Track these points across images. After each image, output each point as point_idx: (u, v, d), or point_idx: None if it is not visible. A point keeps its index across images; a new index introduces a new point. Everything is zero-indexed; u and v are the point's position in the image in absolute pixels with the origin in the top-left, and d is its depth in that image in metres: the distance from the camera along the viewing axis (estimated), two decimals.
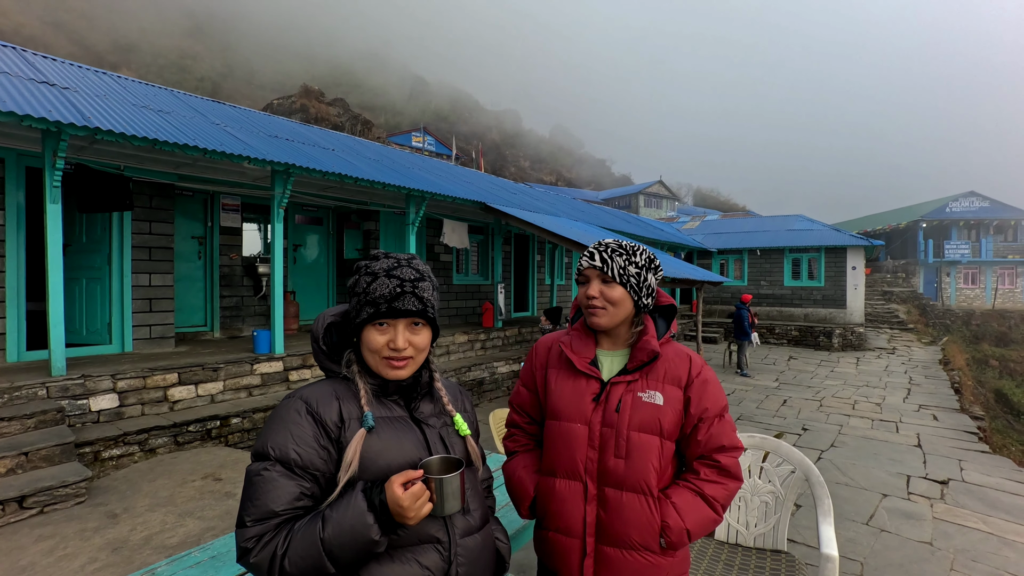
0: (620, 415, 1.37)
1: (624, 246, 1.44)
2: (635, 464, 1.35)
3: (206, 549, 1.70)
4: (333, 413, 1.09)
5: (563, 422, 1.42)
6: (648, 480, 1.35)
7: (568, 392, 1.43)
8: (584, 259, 1.45)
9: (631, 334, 1.46)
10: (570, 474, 1.40)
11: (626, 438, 1.36)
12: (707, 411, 1.41)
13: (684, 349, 1.49)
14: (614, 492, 1.36)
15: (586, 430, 1.39)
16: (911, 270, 27.49)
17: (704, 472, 1.41)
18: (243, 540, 1.00)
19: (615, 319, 1.42)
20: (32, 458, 3.72)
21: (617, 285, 1.41)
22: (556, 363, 1.50)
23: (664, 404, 1.38)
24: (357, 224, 9.25)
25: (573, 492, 1.39)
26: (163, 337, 6.21)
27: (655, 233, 16.18)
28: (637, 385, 1.40)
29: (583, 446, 1.39)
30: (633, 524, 1.34)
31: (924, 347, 15.85)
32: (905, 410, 8.06)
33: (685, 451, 1.45)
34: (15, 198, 5.15)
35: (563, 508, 1.39)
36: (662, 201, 46.73)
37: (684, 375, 1.43)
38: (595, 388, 1.42)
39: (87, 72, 6.94)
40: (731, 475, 1.41)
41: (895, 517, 4.21)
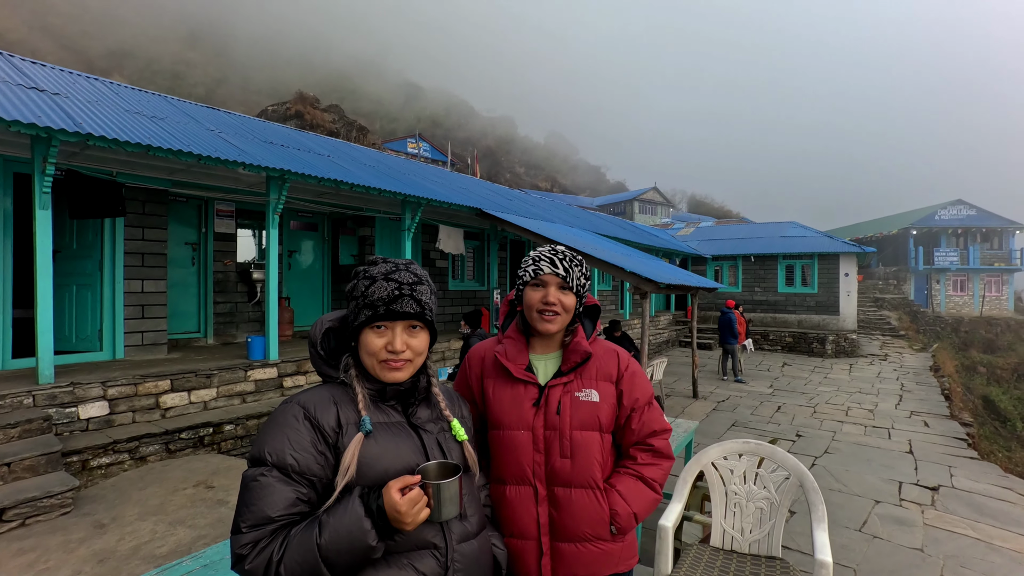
0: (561, 417, 1.43)
1: (575, 257, 1.51)
2: (580, 462, 1.42)
3: (198, 558, 1.68)
4: (331, 418, 1.09)
5: (506, 431, 1.45)
6: (594, 475, 1.43)
7: (507, 400, 1.46)
8: (544, 264, 1.47)
9: (564, 338, 1.53)
10: (519, 480, 1.43)
11: (569, 438, 1.42)
12: (638, 401, 1.50)
13: (610, 345, 1.56)
14: (563, 491, 1.42)
15: (530, 436, 1.43)
16: (902, 277, 27.74)
17: (641, 457, 1.50)
18: (238, 546, 0.99)
19: (563, 324, 1.49)
20: (15, 469, 3.65)
21: (571, 293, 1.47)
22: (492, 372, 1.52)
23: (600, 400, 1.45)
24: (352, 230, 9.23)
25: (524, 497, 1.43)
26: (156, 344, 6.16)
27: (650, 239, 16.26)
28: (573, 385, 1.46)
29: (528, 451, 1.43)
30: (584, 518, 1.40)
31: (915, 354, 15.97)
32: (897, 416, 8.11)
33: (621, 440, 1.52)
34: (2, 204, 5.10)
35: (515, 513, 1.43)
36: (656, 207, 46.97)
37: (614, 371, 1.50)
38: (533, 394, 1.46)
39: (78, 78, 6.91)
40: (665, 455, 1.52)
41: (887, 523, 4.23)
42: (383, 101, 67.78)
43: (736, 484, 2.45)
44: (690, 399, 9.06)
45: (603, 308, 15.88)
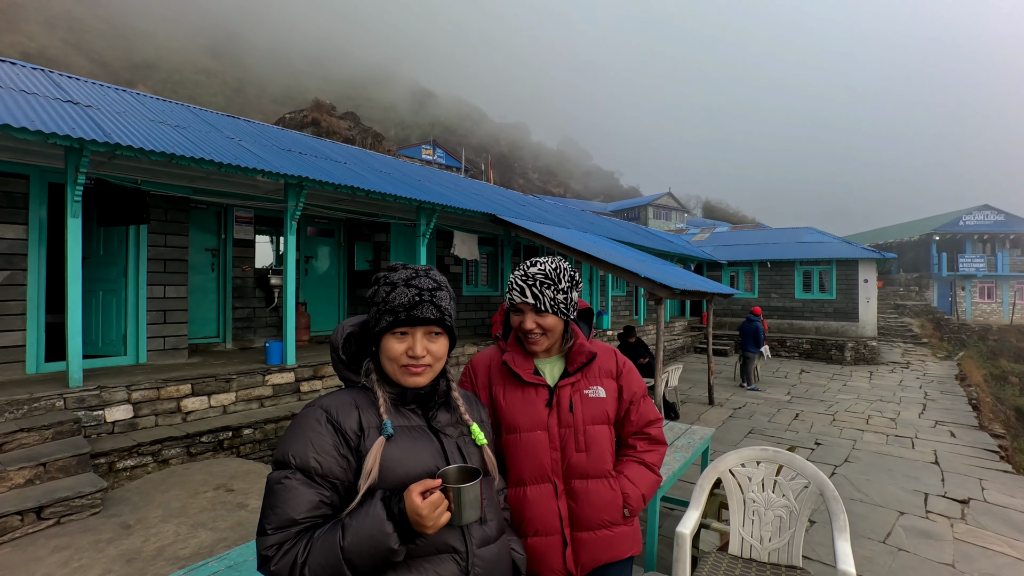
0: (574, 414, 1.53)
1: (549, 275, 1.54)
2: (595, 454, 1.53)
3: (223, 559, 1.72)
4: (352, 422, 1.11)
5: (523, 433, 1.52)
6: (607, 465, 1.56)
7: (520, 404, 1.54)
8: (515, 294, 1.55)
9: (563, 343, 1.62)
10: (539, 478, 1.52)
11: (584, 433, 1.53)
12: (635, 394, 1.65)
13: (606, 345, 1.69)
14: (581, 483, 1.52)
15: (546, 435, 1.52)
16: (924, 283, 27.15)
17: (640, 445, 1.64)
18: (264, 548, 1.01)
19: (551, 341, 1.57)
20: (49, 469, 3.77)
21: (549, 314, 1.53)
22: (500, 380, 1.60)
23: (607, 396, 1.58)
24: (368, 236, 9.33)
25: (545, 494, 1.51)
26: (176, 348, 6.28)
27: (664, 245, 16.16)
28: (581, 384, 1.57)
29: (546, 450, 1.51)
30: (601, 506, 1.52)
31: (939, 362, 15.60)
32: (921, 426, 7.92)
33: (620, 431, 1.66)
34: (38, 213, 5.27)
35: (538, 511, 1.50)
36: (671, 213, 46.69)
37: (614, 367, 1.64)
38: (544, 395, 1.55)
39: (107, 90, 7.13)
40: (661, 442, 1.67)
41: (913, 536, 4.12)
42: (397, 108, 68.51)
43: (754, 492, 2.43)
44: (706, 406, 8.96)
45: (617, 314, 15.80)
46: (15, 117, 4.17)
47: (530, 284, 1.52)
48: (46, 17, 53.87)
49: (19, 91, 5.27)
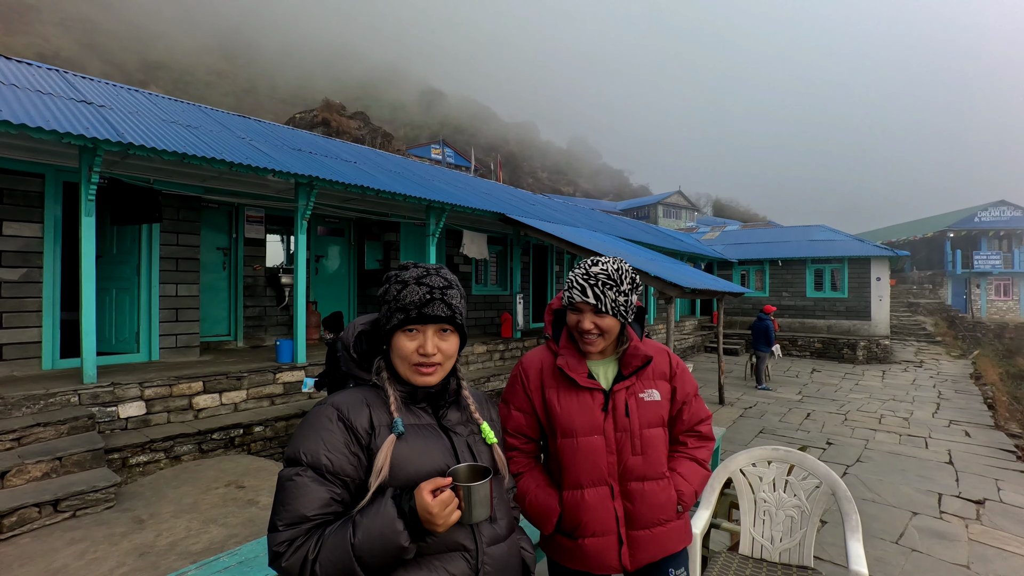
0: (630, 418, 1.53)
1: (611, 276, 1.51)
2: (651, 457, 1.54)
3: (235, 554, 1.73)
4: (363, 420, 1.11)
5: (580, 438, 1.52)
6: (663, 467, 1.56)
7: (576, 409, 1.53)
8: (575, 292, 1.52)
9: (617, 345, 1.60)
10: (596, 482, 1.52)
11: (640, 436, 1.53)
12: (688, 394, 1.65)
13: (660, 345, 1.67)
14: (637, 485, 1.53)
15: (602, 440, 1.51)
16: (938, 281, 26.75)
17: (691, 442, 1.66)
18: (275, 544, 1.01)
19: (607, 343, 1.56)
20: (65, 463, 3.84)
21: (608, 316, 1.51)
22: (552, 383, 1.57)
23: (661, 398, 1.58)
24: (378, 235, 9.37)
25: (602, 496, 1.52)
26: (188, 346, 6.35)
27: (674, 244, 16.07)
28: (636, 387, 1.56)
29: (603, 454, 1.51)
30: (657, 506, 1.53)
31: (953, 360, 15.37)
32: (935, 425, 7.81)
33: (672, 428, 1.66)
34: (53, 212, 5.36)
35: (595, 513, 1.51)
36: (681, 212, 46.43)
37: (667, 369, 1.64)
38: (600, 399, 1.54)
39: (120, 90, 7.22)
40: (710, 438, 1.69)
41: (927, 536, 4.06)
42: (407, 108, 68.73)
43: (765, 492, 2.40)
44: (716, 405, 8.89)
45: None
46: (31, 117, 4.23)
47: (592, 284, 1.50)
48: (61, 19, 54.93)
49: (35, 91, 5.35)
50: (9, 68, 6.10)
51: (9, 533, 3.30)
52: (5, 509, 3.31)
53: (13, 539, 3.29)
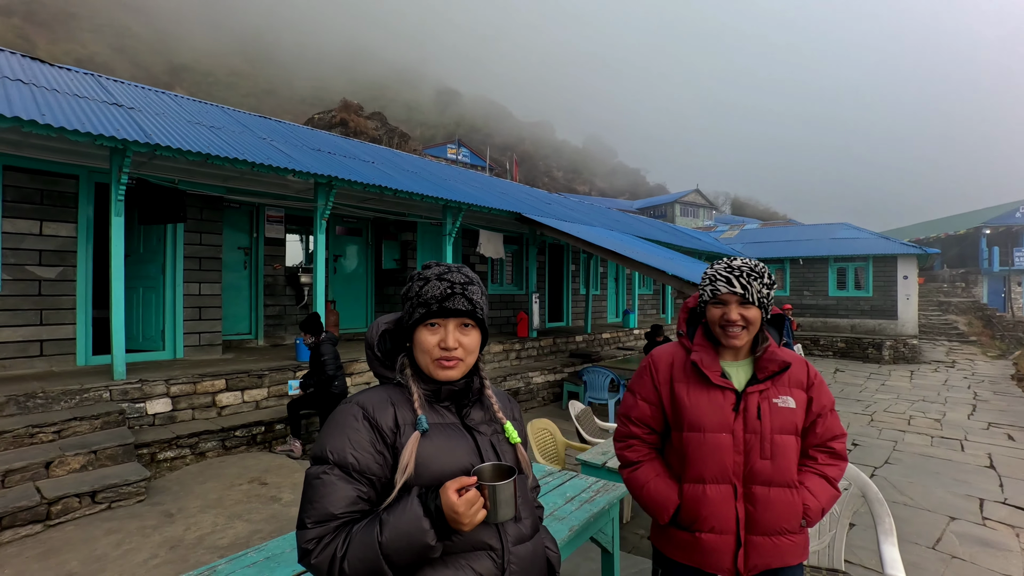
0: (762, 421, 1.52)
1: (753, 268, 1.55)
2: (780, 463, 1.52)
3: (261, 550, 1.75)
4: (388, 419, 1.12)
5: (707, 433, 1.54)
6: (792, 475, 1.54)
7: (706, 405, 1.55)
8: (720, 284, 1.55)
9: (755, 346, 1.60)
10: (719, 479, 1.53)
11: (771, 441, 1.52)
12: (824, 407, 1.61)
13: (797, 355, 1.64)
14: (762, 489, 1.52)
15: (730, 438, 1.52)
16: (972, 279, 25.86)
17: (821, 458, 1.61)
18: (304, 541, 1.02)
19: (750, 336, 1.56)
20: (100, 456, 3.97)
21: (753, 307, 1.54)
22: (683, 377, 1.61)
23: (796, 407, 1.56)
24: (395, 235, 9.44)
25: (724, 495, 1.52)
26: (211, 344, 6.46)
27: (691, 242, 15.88)
28: (770, 392, 1.55)
29: (730, 453, 1.52)
30: (781, 514, 1.51)
31: (991, 361, 14.87)
32: (971, 428, 7.52)
33: (803, 442, 1.61)
34: (85, 212, 5.51)
35: (716, 510, 1.52)
36: (699, 210, 45.89)
37: (805, 379, 1.61)
38: (732, 399, 1.55)
39: (148, 92, 7.39)
40: (843, 457, 1.63)
41: (969, 543, 3.87)
42: (423, 108, 69.15)
43: None
44: None
45: (644, 313, 15.61)
46: (68, 120, 4.39)
47: (737, 275, 1.54)
48: (96, 25, 57.09)
49: (72, 95, 5.55)
50: (51, 73, 6.40)
51: (56, 520, 3.49)
52: (52, 497, 3.49)
53: (59, 526, 3.47)
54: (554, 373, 8.92)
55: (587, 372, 7.63)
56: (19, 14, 51.69)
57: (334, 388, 5.00)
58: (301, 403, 5.13)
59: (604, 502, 2.46)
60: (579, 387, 7.92)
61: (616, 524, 2.59)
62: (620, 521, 3.97)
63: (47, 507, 3.45)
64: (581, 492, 2.57)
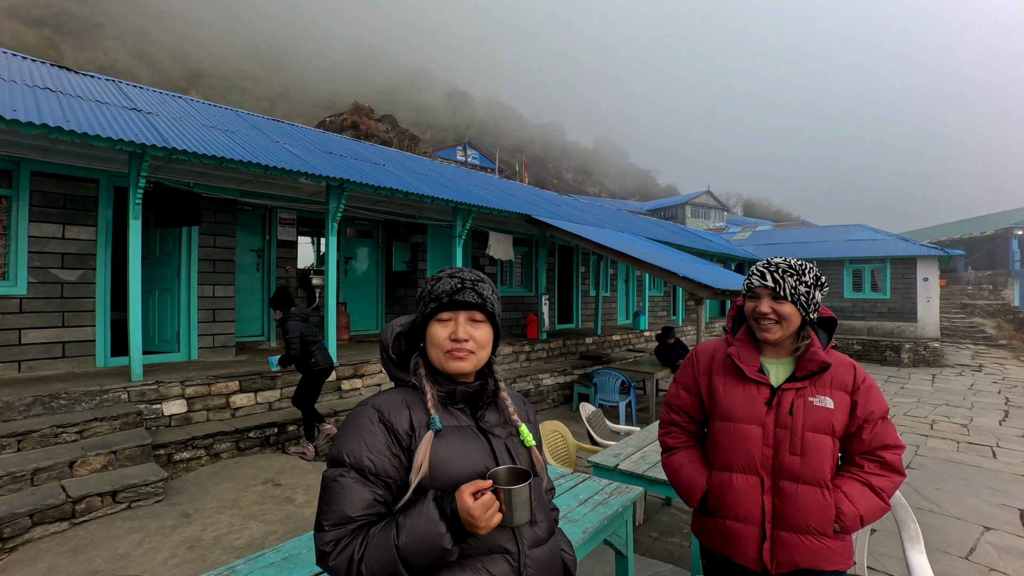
0: (794, 418, 1.53)
1: (793, 265, 1.57)
2: (811, 461, 1.51)
3: (279, 551, 1.75)
4: (404, 422, 1.12)
5: (737, 424, 1.57)
6: (824, 474, 1.51)
7: (739, 397, 1.58)
8: (755, 278, 1.59)
9: (796, 345, 1.61)
10: (747, 469, 1.56)
11: (800, 437, 1.52)
12: (872, 414, 1.56)
13: (847, 359, 1.63)
14: (790, 485, 1.52)
15: (760, 431, 1.54)
16: (1000, 281, 25.21)
17: (868, 466, 1.55)
18: (322, 544, 1.03)
19: (786, 333, 1.57)
20: (119, 457, 4.03)
21: (787, 302, 1.55)
22: (721, 370, 1.66)
23: (835, 408, 1.53)
24: (405, 237, 9.47)
25: (750, 485, 1.55)
26: (225, 346, 6.52)
27: (703, 244, 15.76)
28: (807, 391, 1.55)
29: (759, 444, 1.54)
30: (810, 512, 1.49)
31: (1023, 365, 14.42)
32: (1004, 434, 7.23)
33: (847, 448, 1.59)
34: (105, 215, 5.60)
35: (740, 499, 1.55)
36: (710, 212, 45.54)
37: (850, 382, 1.58)
38: (766, 394, 1.57)
39: (165, 97, 7.50)
40: (895, 470, 1.55)
41: (1009, 556, 3.68)
42: (433, 110, 69.47)
43: None
44: None
45: (655, 315, 15.51)
46: (91, 126, 4.49)
47: (771, 270, 1.57)
48: (118, 33, 58.86)
49: (95, 101, 5.69)
50: (76, 81, 6.57)
51: (81, 518, 3.56)
52: (77, 496, 3.56)
53: (84, 524, 3.54)
54: (564, 375, 8.88)
55: (597, 374, 7.59)
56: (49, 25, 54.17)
57: (313, 364, 4.88)
58: (301, 394, 5.00)
59: (618, 504, 2.43)
60: (589, 389, 7.88)
61: (630, 526, 2.56)
62: (633, 524, 3.93)
63: (72, 505, 3.52)
64: (595, 494, 2.55)
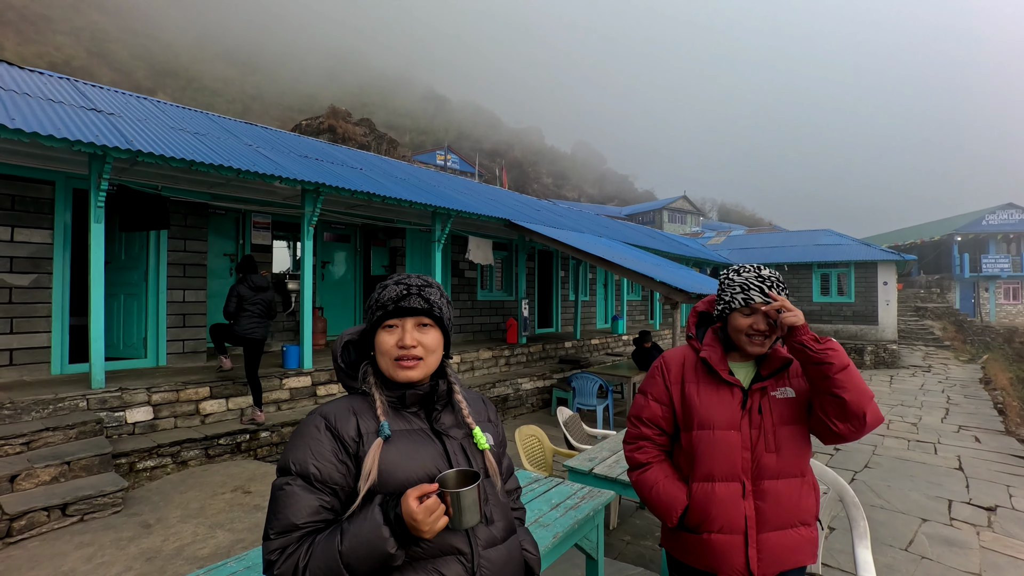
0: (764, 415, 1.56)
1: (777, 277, 1.61)
2: (786, 454, 1.55)
3: (241, 559, 1.74)
4: (351, 428, 1.13)
5: (716, 431, 1.57)
6: (800, 465, 1.57)
7: (715, 403, 1.59)
8: (755, 295, 1.57)
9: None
10: (729, 476, 1.55)
11: (774, 434, 1.55)
12: None
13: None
14: (771, 483, 1.54)
15: (738, 435, 1.56)
16: (946, 285, 26.50)
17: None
18: (268, 552, 1.03)
19: (771, 343, 1.60)
20: (73, 467, 3.87)
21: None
22: (694, 377, 1.65)
23: (797, 395, 1.58)
24: (384, 241, 9.41)
25: (732, 492, 1.55)
26: (195, 352, 6.38)
27: (679, 248, 16.04)
28: (770, 387, 1.60)
29: (738, 449, 1.55)
30: (791, 506, 1.53)
31: (962, 365, 15.22)
32: (944, 431, 7.73)
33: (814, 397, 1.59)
34: (63, 218, 5.42)
35: (724, 509, 1.54)
36: (686, 216, 46.30)
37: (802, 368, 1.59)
38: (739, 396, 1.59)
39: (129, 98, 7.31)
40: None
41: (937, 544, 4.02)
42: (412, 114, 69.12)
43: None
44: None
45: (632, 319, 15.71)
46: (43, 125, 4.30)
47: (768, 286, 1.58)
48: (72, 28, 55.71)
49: (46, 100, 5.42)
50: (22, 77, 6.17)
51: (19, 536, 3.33)
52: (15, 512, 3.35)
53: (22, 542, 3.32)
54: (543, 379, 8.93)
55: (576, 378, 7.66)
56: None
57: (236, 328, 5.21)
58: (219, 331, 5.48)
59: (589, 508, 2.47)
60: (568, 393, 7.94)
61: (600, 530, 2.60)
62: (606, 527, 3.98)
63: (8, 523, 3.30)
64: (566, 499, 2.59)
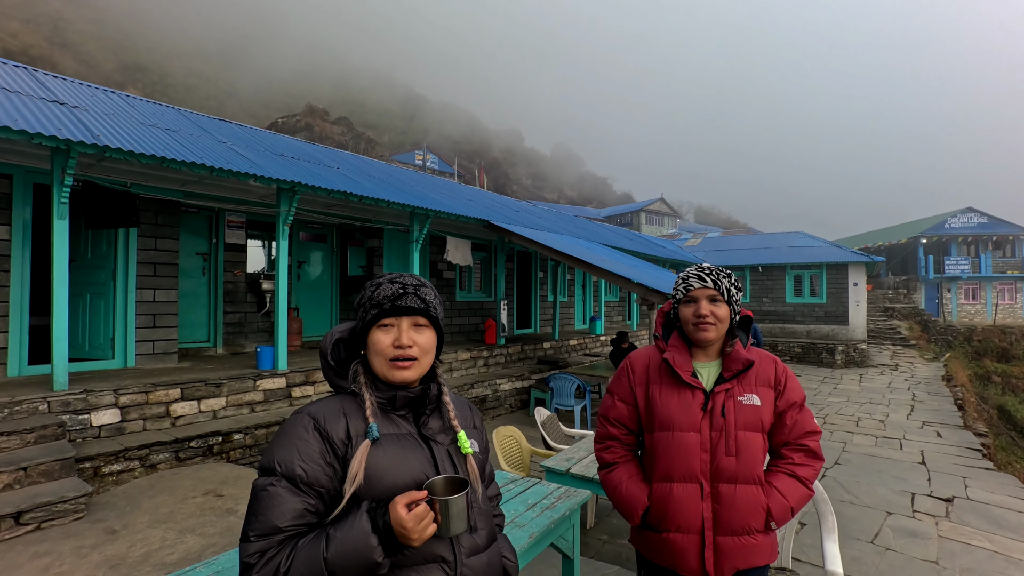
0: (727, 419, 1.56)
1: (722, 270, 1.64)
2: (745, 460, 1.55)
3: (210, 564, 1.70)
4: (340, 430, 1.09)
5: (676, 432, 1.58)
6: (758, 471, 1.56)
7: (676, 404, 1.60)
8: (693, 281, 1.63)
9: (725, 346, 1.65)
10: (687, 477, 1.57)
11: (735, 438, 1.55)
12: (793, 403, 1.63)
13: (766, 353, 1.70)
14: (728, 487, 1.54)
15: (698, 437, 1.56)
16: (912, 286, 27.48)
17: (795, 457, 1.62)
18: (246, 555, 0.99)
19: (720, 333, 1.62)
20: (31, 473, 3.70)
21: (724, 303, 1.61)
22: (657, 378, 1.67)
23: (762, 404, 1.59)
24: (361, 241, 9.30)
25: (690, 493, 1.56)
26: (166, 353, 6.21)
27: (656, 250, 16.24)
28: (735, 390, 1.60)
29: (696, 451, 1.56)
30: (747, 512, 1.53)
31: (927, 363, 15.77)
32: (909, 427, 8.00)
33: (773, 439, 1.64)
34: (22, 214, 5.21)
35: (681, 509, 1.56)
36: (663, 218, 46.94)
37: (772, 376, 1.64)
38: (700, 398, 1.59)
39: (96, 91, 7.07)
40: (817, 456, 1.64)
41: (900, 535, 4.17)
42: (391, 114, 68.54)
43: None
44: None
45: (610, 320, 15.85)
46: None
47: (707, 273, 1.62)
48: (29, 15, 53.20)
49: (0, 89, 5.19)
50: None
51: None
52: None
53: None
54: (522, 380, 8.94)
55: (554, 379, 7.69)
56: None
57: None
58: None
59: (565, 508, 2.48)
60: (546, 394, 7.97)
61: (576, 530, 2.61)
62: (583, 526, 4.01)
63: None
64: (543, 499, 2.59)
